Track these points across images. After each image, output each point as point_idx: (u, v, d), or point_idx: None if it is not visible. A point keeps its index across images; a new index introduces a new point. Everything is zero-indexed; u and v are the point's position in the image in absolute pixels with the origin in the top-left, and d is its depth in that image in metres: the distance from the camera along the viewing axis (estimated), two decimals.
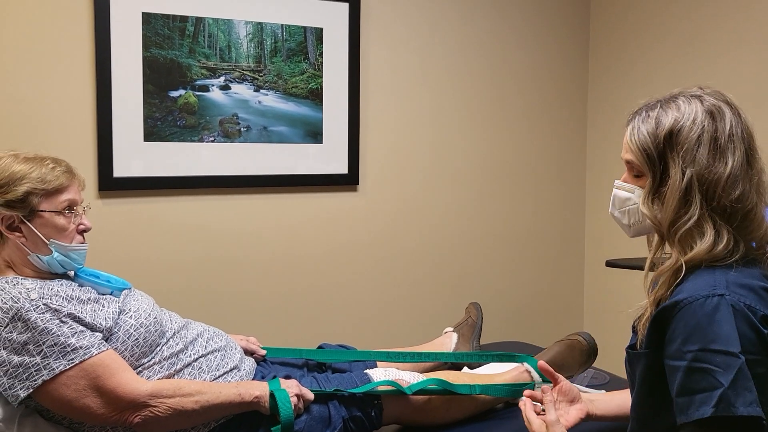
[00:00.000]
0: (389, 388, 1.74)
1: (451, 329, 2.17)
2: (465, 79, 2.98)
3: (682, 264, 1.18)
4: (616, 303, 3.14)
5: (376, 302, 2.87)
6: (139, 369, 1.58)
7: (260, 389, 1.61)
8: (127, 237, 2.43)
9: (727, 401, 1.04)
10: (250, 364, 1.80)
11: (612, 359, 2.84)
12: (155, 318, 1.65)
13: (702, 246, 1.16)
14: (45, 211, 1.56)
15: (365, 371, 1.83)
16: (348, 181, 2.76)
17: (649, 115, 1.24)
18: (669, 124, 1.21)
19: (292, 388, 1.63)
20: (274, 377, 1.74)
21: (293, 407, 1.60)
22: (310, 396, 1.66)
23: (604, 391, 1.96)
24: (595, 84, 3.23)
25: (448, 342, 2.14)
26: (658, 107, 1.24)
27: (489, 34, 3.02)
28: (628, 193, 1.30)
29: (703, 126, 1.19)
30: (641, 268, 1.29)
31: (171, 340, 1.66)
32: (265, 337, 2.08)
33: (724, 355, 1.06)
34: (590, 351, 1.97)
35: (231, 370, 1.71)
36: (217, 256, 2.57)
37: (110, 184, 2.37)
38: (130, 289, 1.73)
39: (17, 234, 1.55)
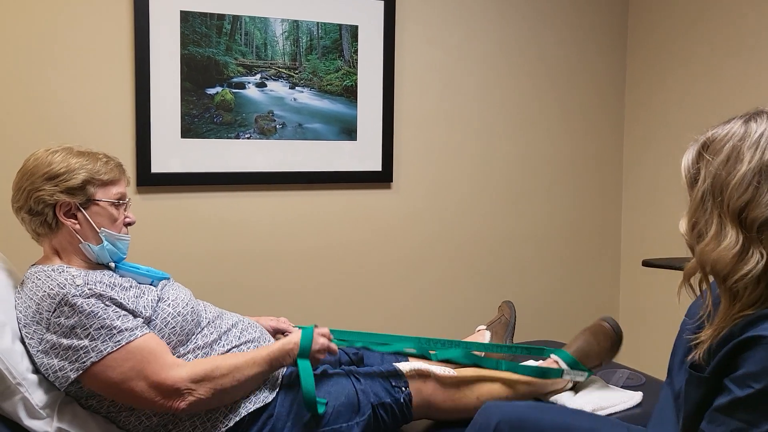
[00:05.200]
0: (416, 364, 1.82)
1: (484, 327, 2.17)
2: (500, 78, 2.96)
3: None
4: (653, 304, 3.10)
5: (408, 299, 2.87)
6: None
7: (289, 355, 1.66)
8: (165, 232, 2.47)
9: None
10: None
11: (648, 360, 2.80)
12: (192, 308, 1.69)
13: None
14: (100, 201, 1.63)
15: (394, 364, 1.85)
16: (382, 178, 2.76)
17: None
18: None
19: (320, 342, 1.70)
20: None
21: (320, 347, 1.67)
22: (335, 350, 1.73)
23: (640, 393, 1.95)
24: (633, 82, 3.18)
25: (480, 340, 2.13)
26: None
27: (526, 33, 2.99)
28: None
29: None
30: (679, 269, 1.27)
31: (206, 329, 1.70)
32: None
33: None
34: (616, 336, 1.96)
35: None
36: (252, 252, 2.60)
37: (148, 180, 2.41)
38: (168, 279, 1.77)
39: (72, 221, 1.61)
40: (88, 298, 1.50)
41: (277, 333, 1.98)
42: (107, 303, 1.52)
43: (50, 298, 1.50)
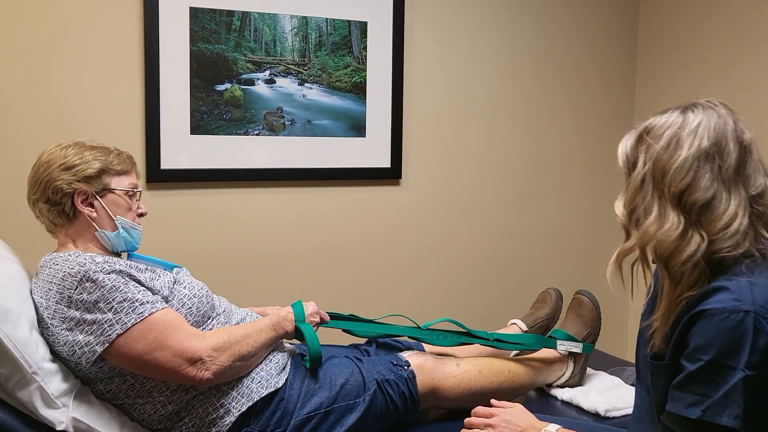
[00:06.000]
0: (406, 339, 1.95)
1: (520, 323, 2.19)
2: (509, 75, 2.95)
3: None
4: None
5: (417, 296, 2.87)
6: None
7: (287, 320, 1.75)
8: (174, 228, 2.47)
9: (715, 410, 1.11)
10: (290, 348, 1.86)
11: None
12: (207, 292, 1.74)
13: None
14: (115, 189, 1.68)
15: (400, 353, 1.91)
16: (390, 175, 2.76)
17: None
18: None
19: (311, 307, 1.83)
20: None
21: (312, 310, 1.81)
22: (326, 317, 1.88)
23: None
24: (643, 80, 3.17)
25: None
26: None
27: (535, 30, 2.98)
28: None
29: None
30: None
31: (222, 315, 1.74)
32: None
33: (728, 369, 1.11)
34: (592, 303, 2.13)
35: (270, 353, 1.75)
36: (260, 248, 2.60)
37: (158, 176, 2.41)
38: (181, 268, 1.81)
39: (89, 209, 1.65)
40: (109, 273, 1.54)
41: None
42: (127, 279, 1.56)
43: (71, 276, 1.53)
